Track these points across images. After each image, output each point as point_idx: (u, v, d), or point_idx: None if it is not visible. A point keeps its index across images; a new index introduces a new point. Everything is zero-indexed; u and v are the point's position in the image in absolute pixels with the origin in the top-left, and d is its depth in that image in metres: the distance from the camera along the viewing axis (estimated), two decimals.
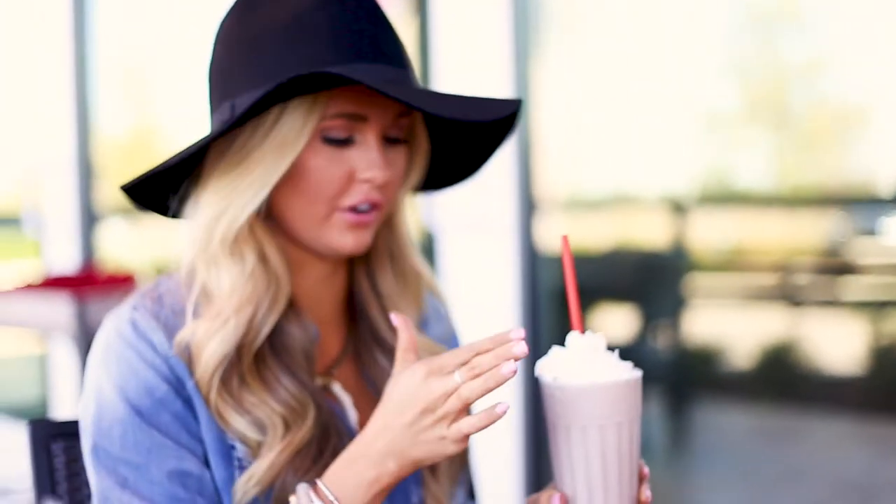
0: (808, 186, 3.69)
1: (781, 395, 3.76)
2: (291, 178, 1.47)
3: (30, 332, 4.49)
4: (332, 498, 1.38)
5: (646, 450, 3.95)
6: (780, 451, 3.78)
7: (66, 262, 5.24)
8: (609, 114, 3.94)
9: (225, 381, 1.46)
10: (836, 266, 3.61)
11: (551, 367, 1.38)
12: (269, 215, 1.53)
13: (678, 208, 3.83)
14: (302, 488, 1.39)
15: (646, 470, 1.42)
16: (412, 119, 1.54)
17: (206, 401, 1.47)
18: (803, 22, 3.64)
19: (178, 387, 1.47)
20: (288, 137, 1.44)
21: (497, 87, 3.54)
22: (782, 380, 3.73)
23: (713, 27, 3.72)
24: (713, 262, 3.86)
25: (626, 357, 1.38)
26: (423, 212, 3.66)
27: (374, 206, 1.49)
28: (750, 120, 3.79)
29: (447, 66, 3.69)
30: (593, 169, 4.09)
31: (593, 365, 1.36)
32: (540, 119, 3.69)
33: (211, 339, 1.46)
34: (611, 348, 1.36)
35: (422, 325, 1.69)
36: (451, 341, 1.76)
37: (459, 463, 1.67)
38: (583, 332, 1.39)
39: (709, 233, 3.87)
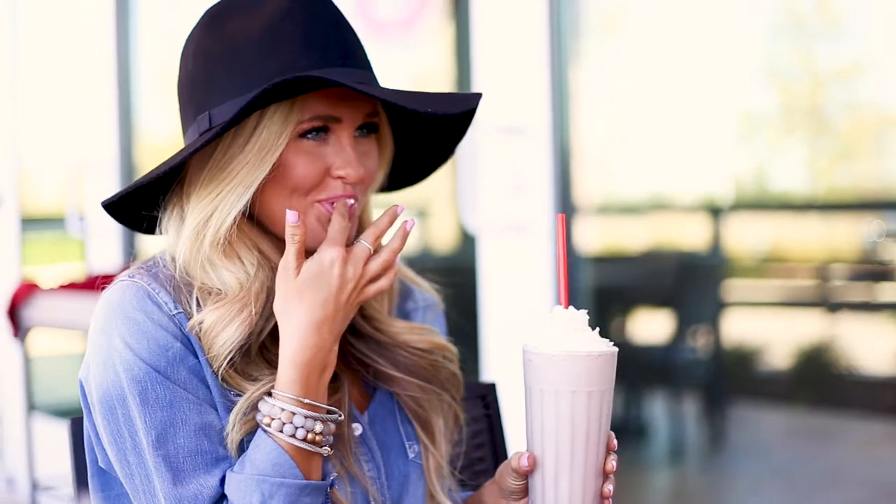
0: (844, 190, 3.69)
1: (818, 397, 3.76)
2: (273, 178, 1.56)
3: (72, 332, 4.54)
4: (281, 393, 1.50)
5: (683, 452, 3.94)
6: (817, 454, 3.78)
7: (109, 262, 5.29)
8: (646, 117, 3.95)
9: (232, 361, 1.54)
10: (872, 269, 3.61)
11: (534, 334, 1.50)
12: (252, 217, 1.61)
13: (715, 212, 3.84)
14: (260, 401, 1.52)
15: (614, 442, 1.52)
16: (380, 117, 1.64)
17: (216, 372, 1.54)
18: (840, 26, 3.63)
19: (187, 343, 1.54)
20: (268, 141, 1.54)
21: (534, 90, 3.55)
22: (819, 382, 3.73)
23: (750, 31, 3.73)
24: (750, 265, 3.86)
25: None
26: (462, 214, 3.68)
27: (350, 197, 1.59)
28: (787, 124, 3.79)
29: (485, 71, 3.71)
30: (631, 172, 4.09)
31: (572, 336, 1.48)
32: (578, 122, 3.70)
33: (226, 327, 1.53)
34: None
35: (396, 313, 1.79)
36: (437, 325, 1.86)
37: (453, 420, 1.76)
38: (567, 307, 1.50)
39: (745, 236, 3.88)
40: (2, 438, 6.23)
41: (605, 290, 4.01)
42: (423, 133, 1.74)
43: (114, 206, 1.62)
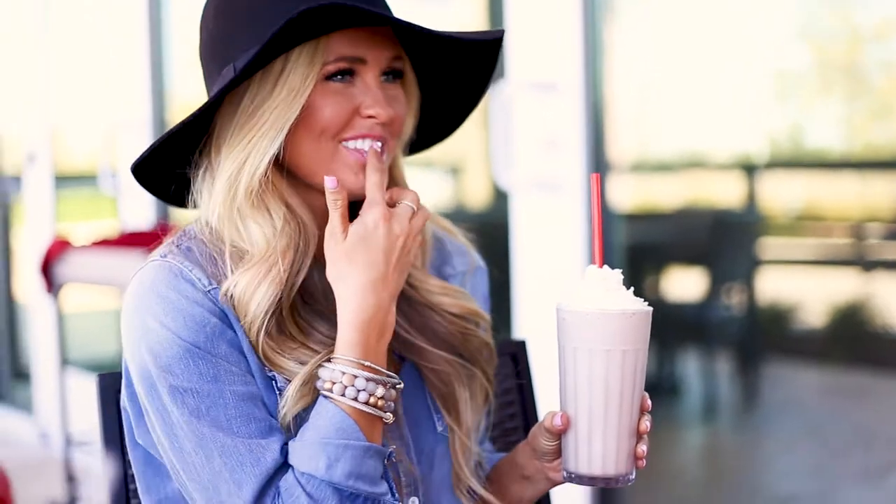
0: (880, 148, 3.66)
1: (853, 355, 3.74)
2: (301, 120, 1.55)
3: (105, 288, 4.56)
4: (341, 357, 1.50)
5: (716, 410, 3.93)
6: (852, 413, 3.76)
7: (141, 219, 5.30)
8: (681, 74, 3.92)
9: (268, 327, 1.52)
10: None
11: (568, 293, 1.50)
12: (282, 168, 1.60)
13: (750, 169, 3.82)
14: (319, 367, 1.51)
15: (648, 403, 1.52)
16: (404, 65, 1.63)
17: (254, 345, 1.53)
18: None
19: (223, 318, 1.52)
20: (295, 83, 1.53)
21: (568, 46, 3.53)
22: (854, 341, 3.70)
23: None
24: (785, 223, 3.84)
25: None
26: (494, 171, 3.66)
27: (381, 143, 1.59)
28: (822, 81, 3.76)
29: (518, 26, 3.69)
30: (665, 129, 4.07)
31: (606, 295, 1.48)
32: (612, 79, 3.68)
33: (256, 289, 1.52)
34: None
35: (431, 268, 1.77)
36: (476, 288, 1.83)
37: (482, 396, 1.73)
38: (601, 266, 1.50)
39: (780, 194, 3.85)
40: (35, 394, 6.28)
41: (638, 247, 4.00)
42: (449, 82, 1.73)
43: (142, 169, 1.62)
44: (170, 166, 1.62)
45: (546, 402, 1.76)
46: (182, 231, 1.62)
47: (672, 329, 3.95)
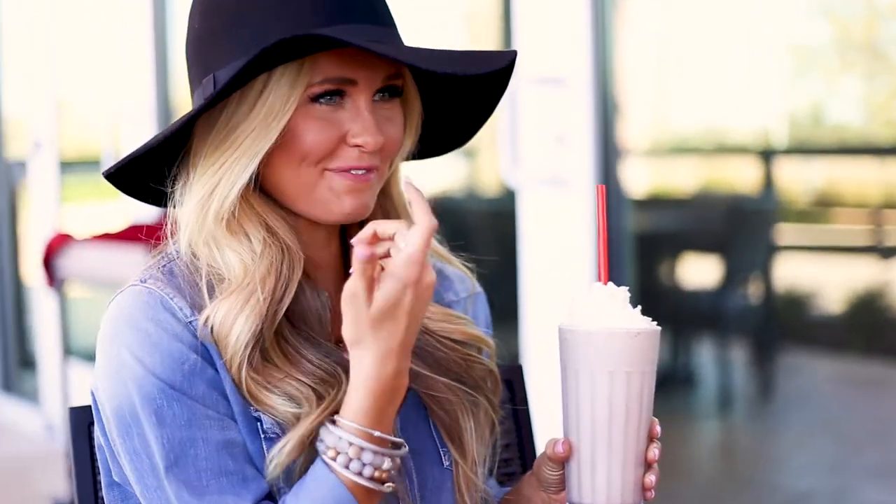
0: None
1: (871, 346, 3.69)
2: (280, 146, 1.42)
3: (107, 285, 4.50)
4: (350, 424, 1.36)
5: (732, 401, 3.90)
6: (869, 404, 3.72)
7: (146, 208, 5.25)
8: (695, 56, 3.87)
9: (250, 360, 1.41)
10: None
11: (570, 312, 1.41)
12: (262, 188, 1.47)
13: (766, 154, 3.76)
14: (323, 428, 1.37)
15: (657, 429, 1.42)
16: (404, 80, 1.49)
17: (236, 382, 1.41)
18: None
19: (204, 353, 1.41)
20: (275, 106, 1.40)
21: (576, 40, 3.46)
22: (872, 330, 3.66)
23: None
24: (802, 209, 3.79)
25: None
26: (502, 167, 3.60)
27: (369, 170, 1.45)
28: (842, 59, 3.70)
29: (525, 18, 3.62)
30: (680, 114, 4.02)
31: (610, 313, 1.38)
32: (622, 68, 3.62)
33: (235, 320, 1.40)
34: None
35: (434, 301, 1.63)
36: (478, 315, 1.72)
37: (487, 426, 1.62)
38: (606, 283, 1.41)
39: (798, 179, 3.79)
40: (41, 384, 6.26)
41: (652, 234, 3.94)
42: (456, 95, 1.57)
43: (119, 177, 1.50)
44: (148, 178, 1.51)
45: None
46: (164, 252, 1.51)
47: (686, 318, 3.90)
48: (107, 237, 4.07)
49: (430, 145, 1.62)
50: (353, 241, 1.32)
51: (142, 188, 1.54)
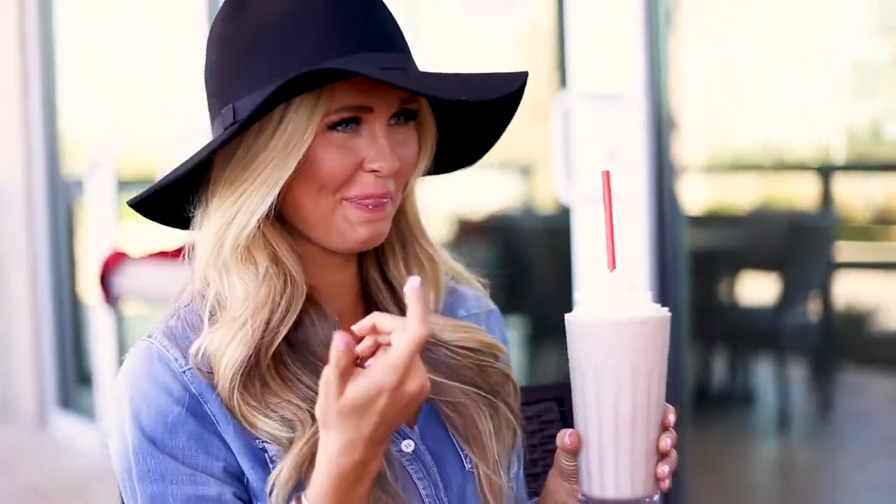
0: None
1: None
2: (299, 175, 1.44)
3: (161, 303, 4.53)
4: None
5: (790, 420, 3.87)
6: None
7: None
8: (753, 72, 3.84)
9: (246, 386, 1.43)
10: None
11: (578, 301, 1.37)
12: (278, 216, 1.50)
13: (825, 171, 3.72)
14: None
15: (670, 418, 1.39)
16: (419, 103, 1.50)
17: (231, 409, 1.44)
18: None
19: (192, 404, 1.44)
20: (294, 136, 1.42)
21: (630, 55, 3.44)
22: None
23: None
24: (860, 225, 3.75)
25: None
26: (556, 184, 3.59)
27: (383, 197, 1.47)
28: None
29: (579, 34, 3.61)
30: (738, 131, 4.00)
31: (616, 302, 1.34)
32: (677, 85, 3.59)
33: (228, 345, 1.43)
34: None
35: (445, 311, 1.66)
36: (492, 332, 1.71)
37: (510, 433, 1.62)
38: (613, 269, 1.38)
39: (857, 196, 3.76)
40: (97, 401, 6.29)
41: (709, 252, 3.91)
42: (470, 116, 1.60)
43: (145, 205, 1.53)
44: (173, 205, 1.54)
45: None
46: (181, 295, 1.55)
47: (744, 336, 3.87)
48: (162, 255, 4.10)
49: (444, 163, 1.64)
50: (337, 335, 1.28)
51: (166, 214, 1.57)
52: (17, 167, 6.88)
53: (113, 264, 4.24)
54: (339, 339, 1.29)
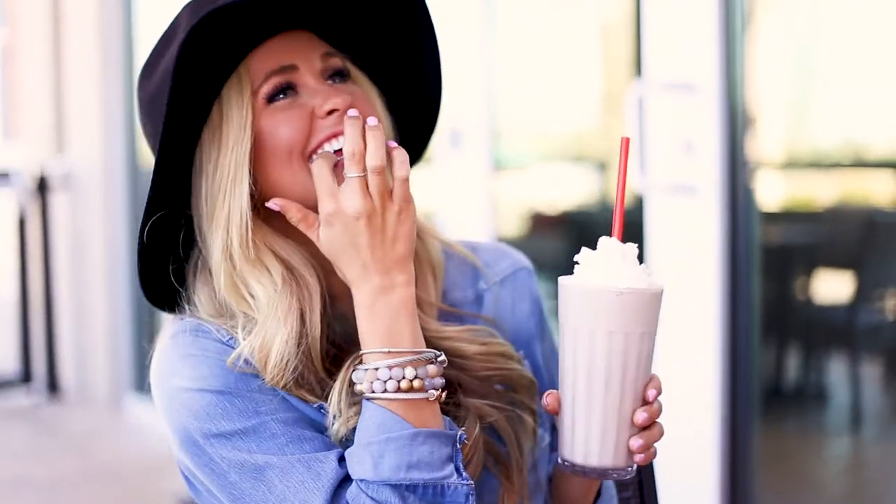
0: None
1: None
2: (265, 150, 1.49)
3: None
4: (364, 352, 1.43)
5: (863, 418, 3.85)
6: None
7: None
8: (832, 66, 3.81)
9: (299, 381, 1.48)
10: None
11: (577, 266, 1.39)
12: (280, 229, 1.54)
13: None
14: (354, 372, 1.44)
15: (650, 393, 1.41)
16: (345, 62, 1.56)
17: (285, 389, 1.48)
18: None
19: (248, 366, 1.48)
20: (235, 119, 1.48)
21: (706, 45, 3.42)
22: None
23: None
24: None
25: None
26: (634, 175, 3.57)
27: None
28: None
29: (654, 23, 3.60)
30: (815, 126, 3.96)
31: (602, 270, 1.36)
32: (753, 77, 3.57)
33: (272, 346, 1.46)
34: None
35: (468, 289, 1.68)
36: (522, 291, 1.73)
37: (532, 436, 1.64)
38: (619, 238, 1.39)
39: None
40: None
41: (784, 247, 3.88)
42: (409, 85, 1.64)
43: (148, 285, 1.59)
44: (161, 269, 1.58)
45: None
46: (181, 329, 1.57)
47: (819, 333, 3.84)
48: None
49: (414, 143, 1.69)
50: (270, 204, 1.48)
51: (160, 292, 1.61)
52: (97, 153, 6.96)
53: None
54: (272, 205, 1.46)
